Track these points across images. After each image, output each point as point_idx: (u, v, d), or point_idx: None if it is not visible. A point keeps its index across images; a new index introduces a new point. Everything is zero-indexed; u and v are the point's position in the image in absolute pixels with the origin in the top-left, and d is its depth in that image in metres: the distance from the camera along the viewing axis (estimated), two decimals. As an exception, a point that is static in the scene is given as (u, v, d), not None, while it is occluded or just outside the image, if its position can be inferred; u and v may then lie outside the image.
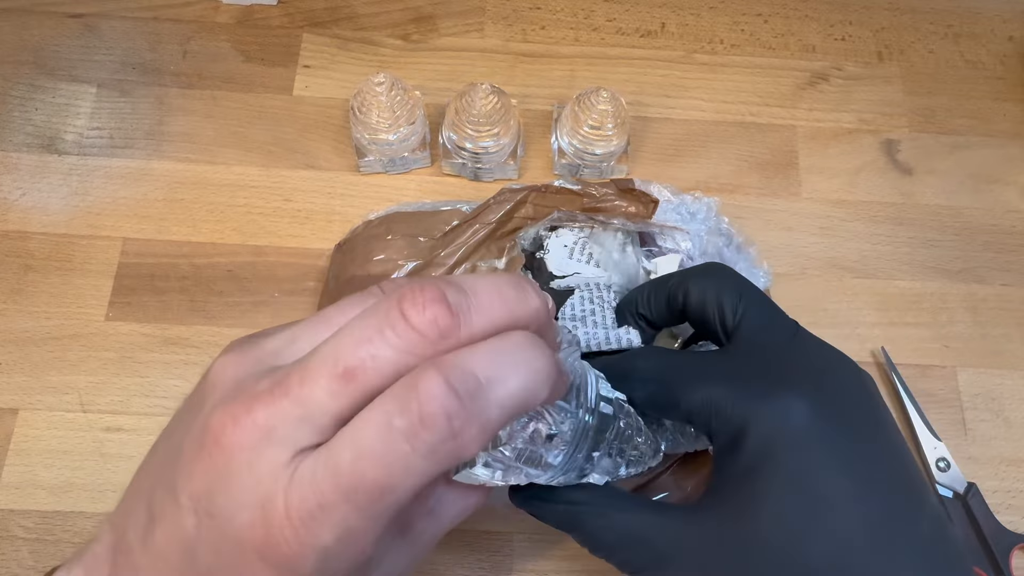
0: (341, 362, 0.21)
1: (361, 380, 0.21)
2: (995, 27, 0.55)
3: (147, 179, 0.47)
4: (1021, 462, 0.43)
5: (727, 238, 0.42)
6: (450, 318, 0.21)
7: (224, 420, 0.21)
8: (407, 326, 0.21)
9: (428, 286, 0.21)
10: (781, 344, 0.30)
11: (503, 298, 0.22)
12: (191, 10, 0.52)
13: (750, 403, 0.27)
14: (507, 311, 0.22)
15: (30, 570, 0.39)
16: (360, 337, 0.21)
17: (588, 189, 0.40)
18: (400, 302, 0.21)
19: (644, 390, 0.29)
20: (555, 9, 0.53)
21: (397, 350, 0.21)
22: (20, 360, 0.43)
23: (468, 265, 0.37)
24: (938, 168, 0.50)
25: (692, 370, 0.29)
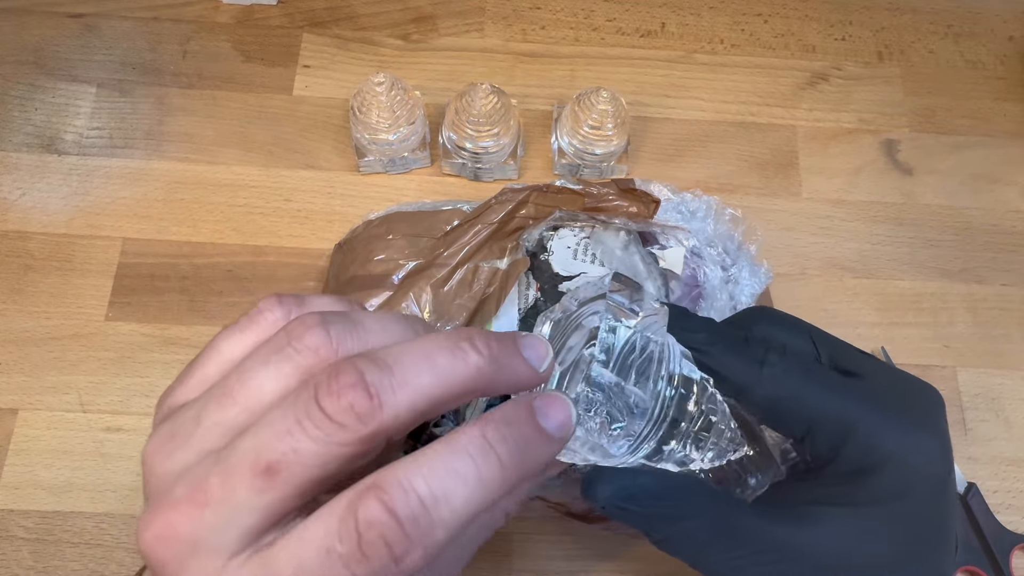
0: (263, 457, 0.20)
1: (285, 474, 0.20)
2: (995, 27, 0.55)
3: (147, 179, 0.47)
4: (1021, 462, 0.43)
5: (729, 231, 0.42)
6: (367, 401, 0.20)
7: (148, 539, 0.20)
8: (323, 416, 0.20)
9: (344, 369, 0.20)
10: (902, 378, 0.30)
11: (432, 365, 0.21)
12: (191, 10, 0.52)
13: (894, 435, 0.27)
14: (438, 379, 0.21)
15: (30, 570, 0.39)
16: (279, 429, 0.20)
17: (589, 189, 0.40)
18: (316, 389, 0.20)
19: (770, 393, 0.28)
20: (555, 9, 0.53)
21: (318, 442, 0.20)
22: (20, 360, 0.43)
23: (471, 265, 0.37)
24: (938, 168, 0.50)
25: (830, 384, 0.28)
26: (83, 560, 0.39)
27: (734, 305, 0.41)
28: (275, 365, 0.22)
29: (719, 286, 0.40)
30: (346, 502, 0.20)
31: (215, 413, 0.22)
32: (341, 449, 0.20)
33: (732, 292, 0.41)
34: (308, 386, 0.20)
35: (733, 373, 0.28)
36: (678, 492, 0.26)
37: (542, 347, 0.24)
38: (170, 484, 0.21)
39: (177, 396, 0.23)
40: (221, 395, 0.22)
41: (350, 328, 0.22)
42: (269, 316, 0.23)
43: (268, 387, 0.21)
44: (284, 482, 0.20)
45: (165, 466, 0.21)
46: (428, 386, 0.21)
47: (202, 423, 0.21)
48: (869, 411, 0.27)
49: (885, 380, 0.29)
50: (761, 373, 0.27)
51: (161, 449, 0.22)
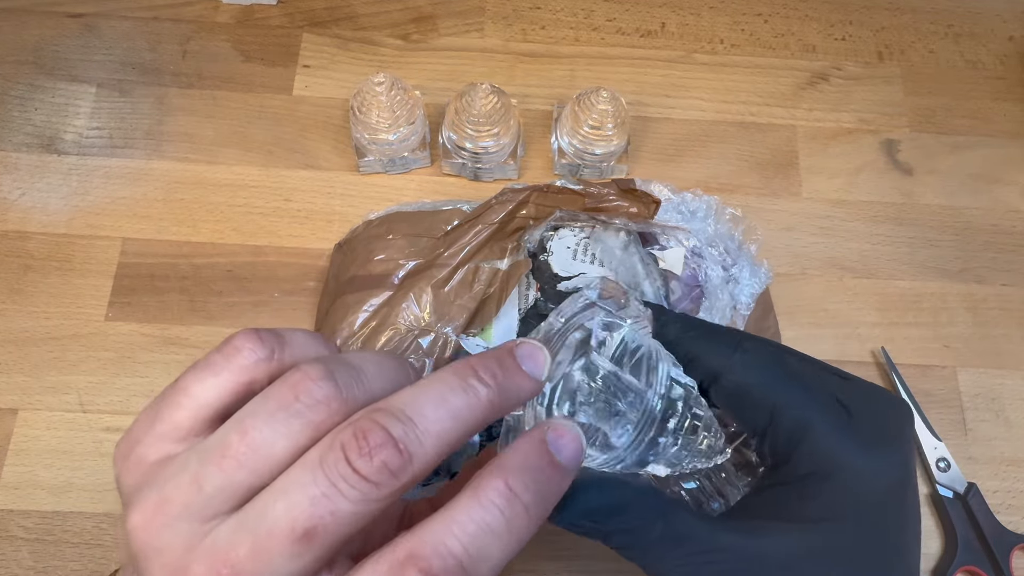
0: (300, 524, 0.20)
1: (323, 537, 0.20)
2: (995, 27, 0.55)
3: (147, 179, 0.47)
4: (1021, 462, 0.43)
5: (730, 231, 0.42)
6: (399, 458, 0.20)
7: None
8: (359, 477, 0.20)
9: (370, 428, 0.20)
10: (871, 389, 0.30)
11: (449, 409, 0.21)
12: (191, 10, 0.52)
13: (847, 446, 0.27)
14: (456, 422, 0.21)
15: (30, 570, 0.39)
16: (314, 494, 0.20)
17: (590, 189, 0.40)
18: (346, 450, 0.20)
19: (741, 378, 0.28)
20: (555, 9, 0.53)
21: (355, 502, 0.20)
22: (20, 360, 0.43)
23: (471, 265, 0.37)
24: (938, 168, 0.50)
25: (798, 378, 0.28)
26: (83, 560, 0.39)
27: (735, 304, 0.41)
28: (284, 422, 0.21)
29: (720, 285, 0.40)
30: (386, 570, 0.20)
31: (217, 476, 0.20)
32: (376, 505, 0.20)
33: (733, 292, 0.41)
34: (335, 447, 0.20)
35: (708, 356, 0.28)
36: (634, 505, 0.26)
37: (540, 355, 0.24)
38: (180, 561, 0.20)
39: (147, 447, 0.22)
40: (220, 456, 0.21)
41: (355, 376, 0.22)
42: (249, 356, 0.22)
43: (279, 446, 0.21)
44: (320, 545, 0.20)
45: (165, 538, 0.20)
46: (450, 430, 0.21)
47: (204, 489, 0.20)
48: (828, 414, 0.27)
49: (854, 388, 0.29)
50: (733, 358, 0.28)
51: (154, 519, 0.21)
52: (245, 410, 0.21)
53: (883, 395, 0.30)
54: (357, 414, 0.21)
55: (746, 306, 0.41)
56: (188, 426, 0.22)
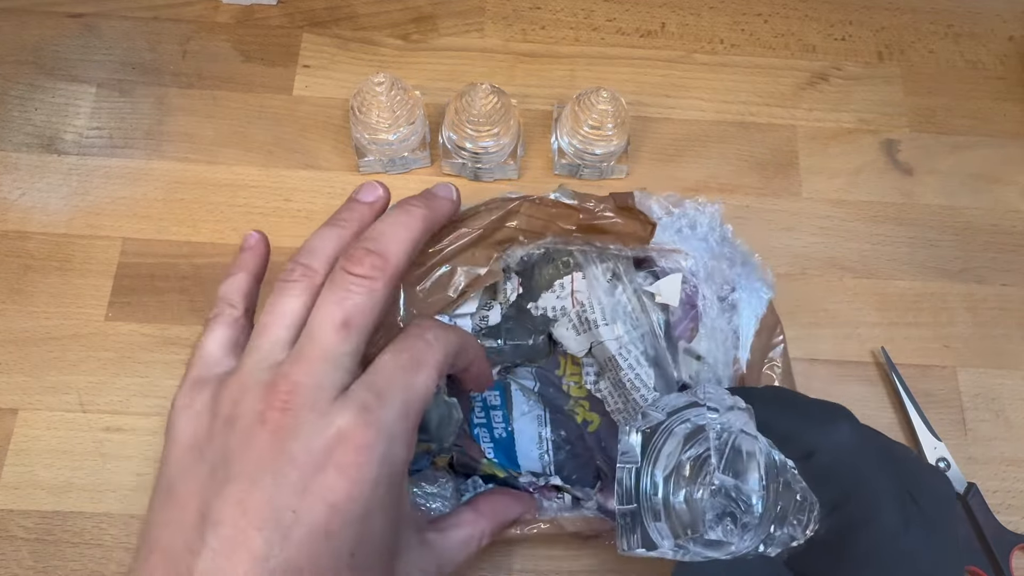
0: (337, 318, 0.28)
1: (356, 321, 0.28)
2: (995, 27, 0.55)
3: (147, 179, 0.47)
4: (1021, 462, 0.43)
5: (730, 251, 0.40)
6: (379, 258, 0.30)
7: (282, 393, 0.27)
8: (358, 277, 0.29)
9: (356, 251, 0.30)
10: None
11: (401, 225, 0.31)
12: (191, 10, 0.52)
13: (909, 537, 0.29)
14: (408, 231, 0.31)
15: (30, 570, 0.39)
16: (337, 298, 0.29)
17: (585, 204, 0.38)
18: (346, 268, 0.29)
19: (832, 460, 0.29)
20: (555, 9, 0.53)
21: (363, 293, 0.29)
22: (20, 360, 0.43)
23: (448, 268, 0.36)
24: (938, 168, 0.50)
25: (879, 461, 0.30)
26: (83, 560, 0.39)
27: (735, 332, 0.39)
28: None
29: (717, 316, 0.39)
30: (401, 336, 0.30)
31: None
32: (380, 293, 0.29)
33: (731, 318, 0.39)
34: (338, 269, 0.29)
35: (801, 436, 0.29)
36: None
37: (450, 188, 0.35)
38: (268, 363, 0.28)
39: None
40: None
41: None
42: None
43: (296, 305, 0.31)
44: (357, 328, 0.28)
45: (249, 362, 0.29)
46: (404, 237, 0.31)
47: (237, 347, 0.32)
48: (897, 503, 0.29)
49: (918, 471, 0.31)
50: (825, 438, 0.29)
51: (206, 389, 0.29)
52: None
53: (937, 476, 0.32)
54: (348, 250, 0.30)
55: (749, 335, 0.39)
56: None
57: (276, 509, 0.26)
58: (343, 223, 0.32)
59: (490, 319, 0.39)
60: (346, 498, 0.26)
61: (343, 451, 0.26)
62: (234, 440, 0.27)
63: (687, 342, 0.39)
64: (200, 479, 0.27)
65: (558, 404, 0.42)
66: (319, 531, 0.26)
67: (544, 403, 0.42)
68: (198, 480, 0.27)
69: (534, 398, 0.42)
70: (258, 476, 0.26)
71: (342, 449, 0.26)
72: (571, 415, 0.42)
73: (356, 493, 0.26)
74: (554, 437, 0.41)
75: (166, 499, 0.27)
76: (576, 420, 0.42)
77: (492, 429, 0.41)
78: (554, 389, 0.42)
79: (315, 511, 0.26)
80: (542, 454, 0.41)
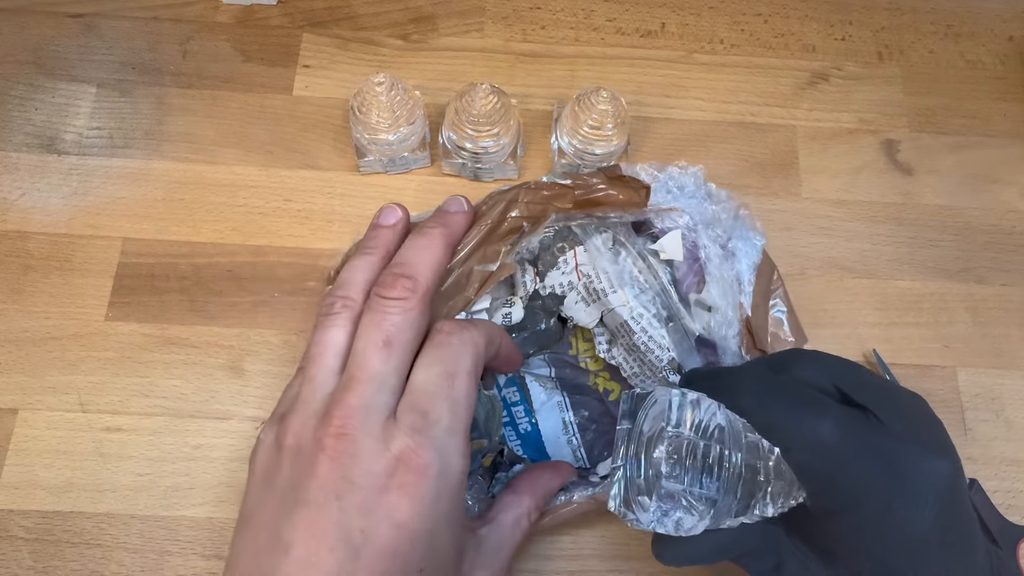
0: (379, 339, 0.30)
1: (397, 340, 0.30)
2: (995, 27, 0.55)
3: (147, 179, 0.47)
4: (1021, 462, 0.43)
5: (719, 207, 0.41)
6: (409, 280, 0.32)
7: (338, 420, 0.29)
8: (392, 300, 0.31)
9: (387, 277, 0.32)
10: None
11: (424, 249, 0.34)
12: (191, 10, 0.52)
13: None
14: (431, 253, 0.34)
15: (30, 570, 0.39)
16: (376, 322, 0.31)
17: (578, 181, 0.39)
18: (380, 294, 0.31)
19: (806, 459, 0.29)
20: (555, 9, 0.53)
21: (398, 313, 0.31)
22: (20, 360, 0.43)
23: (464, 269, 0.37)
24: (938, 168, 0.50)
25: (864, 455, 0.29)
26: (83, 560, 0.39)
27: (737, 277, 0.40)
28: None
29: (720, 263, 0.40)
30: (430, 344, 0.32)
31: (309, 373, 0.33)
32: (413, 312, 0.31)
33: (732, 265, 0.40)
34: (374, 297, 0.32)
35: (778, 431, 0.29)
36: (731, 547, 0.31)
37: (460, 201, 0.37)
38: (323, 392, 0.30)
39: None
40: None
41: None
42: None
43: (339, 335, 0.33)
44: (399, 348, 0.30)
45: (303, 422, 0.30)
46: (428, 259, 0.33)
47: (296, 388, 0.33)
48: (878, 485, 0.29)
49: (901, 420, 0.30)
50: (801, 435, 0.29)
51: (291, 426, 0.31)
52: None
53: (921, 409, 0.31)
54: (379, 278, 0.32)
55: (748, 281, 0.40)
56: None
57: (345, 530, 0.27)
58: (370, 251, 0.34)
59: (513, 316, 0.40)
60: (410, 516, 0.28)
61: (403, 473, 0.28)
62: (298, 469, 0.29)
63: (696, 294, 0.40)
64: (272, 507, 0.29)
65: (579, 382, 0.43)
66: (387, 550, 0.28)
67: (562, 388, 0.43)
68: (270, 507, 0.29)
69: (551, 385, 0.43)
70: (324, 501, 0.28)
71: (402, 471, 0.28)
72: (593, 388, 0.43)
73: (420, 511, 0.28)
74: (578, 420, 0.42)
75: (244, 526, 0.30)
76: (599, 391, 0.43)
77: (517, 425, 0.42)
78: (571, 369, 0.44)
79: (382, 531, 0.28)
80: (569, 439, 0.42)
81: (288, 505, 0.28)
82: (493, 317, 0.39)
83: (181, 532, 0.40)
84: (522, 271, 0.40)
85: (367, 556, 0.27)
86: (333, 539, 0.27)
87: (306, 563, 0.27)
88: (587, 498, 0.38)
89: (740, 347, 0.38)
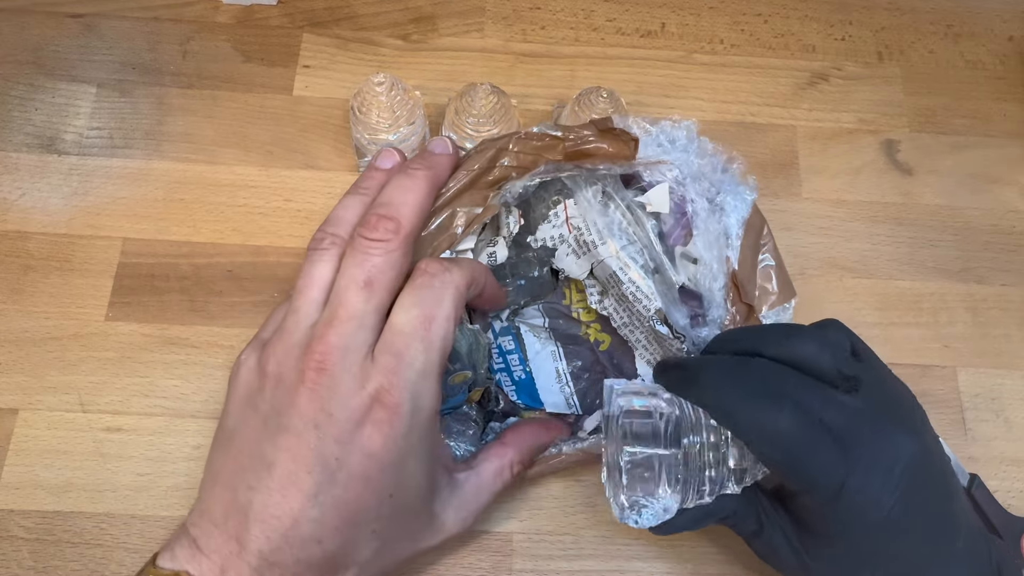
0: (360, 279, 0.31)
1: (378, 282, 0.31)
2: (995, 27, 0.55)
3: (147, 179, 0.47)
4: (1021, 462, 0.43)
5: (711, 161, 0.41)
6: (391, 222, 0.32)
7: (317, 357, 0.30)
8: (375, 241, 0.32)
9: (370, 218, 0.32)
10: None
11: (408, 189, 0.33)
12: (191, 10, 0.52)
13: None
14: (415, 193, 0.33)
15: (30, 570, 0.39)
16: (358, 262, 0.31)
17: (568, 133, 0.39)
18: (362, 234, 0.32)
19: (766, 452, 0.31)
20: (555, 9, 0.53)
21: (380, 255, 0.31)
22: (20, 360, 0.43)
23: (448, 212, 0.37)
24: (938, 168, 0.50)
25: (820, 446, 0.30)
26: (83, 560, 0.39)
27: (725, 231, 0.40)
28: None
29: (707, 217, 0.39)
30: (410, 284, 0.32)
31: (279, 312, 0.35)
32: (395, 254, 0.32)
33: (720, 219, 0.40)
34: (356, 236, 0.32)
35: (737, 430, 0.31)
36: (714, 512, 0.34)
37: (446, 142, 0.37)
38: (305, 324, 0.31)
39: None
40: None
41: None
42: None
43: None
44: (379, 288, 0.31)
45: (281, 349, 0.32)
46: (414, 201, 0.33)
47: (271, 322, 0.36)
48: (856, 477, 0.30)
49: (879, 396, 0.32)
50: (763, 431, 0.30)
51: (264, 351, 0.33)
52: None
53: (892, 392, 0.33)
54: (362, 218, 0.33)
55: (736, 236, 0.40)
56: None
57: (322, 457, 0.30)
58: (364, 191, 0.35)
59: (497, 256, 0.40)
60: (381, 448, 0.30)
61: (377, 410, 0.30)
62: (280, 395, 0.31)
63: (683, 247, 0.40)
64: (256, 427, 0.31)
65: (572, 333, 0.44)
66: (360, 476, 0.30)
67: (556, 338, 0.44)
68: (254, 428, 0.31)
69: (545, 335, 0.44)
70: (303, 430, 0.30)
71: (376, 408, 0.30)
72: (585, 338, 0.44)
73: (391, 444, 0.30)
74: (571, 369, 0.43)
75: (228, 442, 0.32)
76: (590, 341, 0.44)
77: (511, 372, 0.43)
78: (564, 320, 0.45)
79: (355, 459, 0.30)
80: (562, 387, 0.43)
81: (271, 429, 0.30)
82: (478, 257, 0.40)
83: (181, 532, 0.40)
84: (507, 212, 0.40)
85: (341, 479, 0.30)
86: (311, 463, 0.30)
87: (285, 481, 0.30)
88: (575, 450, 0.39)
89: (726, 300, 0.39)
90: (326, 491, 0.30)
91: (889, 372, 0.33)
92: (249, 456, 0.31)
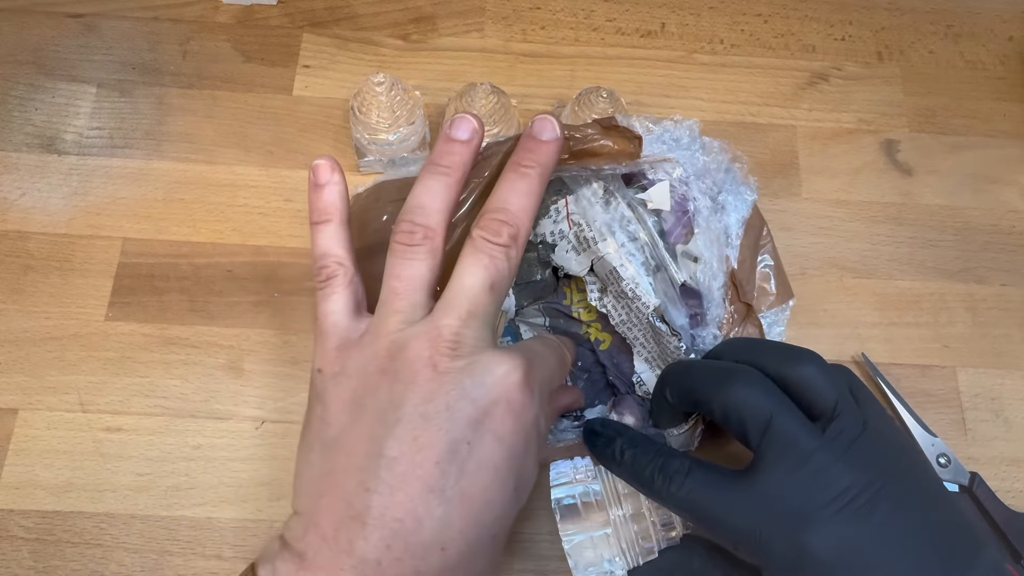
0: (486, 281, 0.31)
1: (498, 285, 0.31)
2: (995, 27, 0.55)
3: (147, 179, 0.47)
4: (1021, 462, 0.43)
5: (713, 160, 0.41)
6: (512, 227, 0.32)
7: (443, 346, 0.29)
8: (498, 246, 0.31)
9: (491, 223, 0.31)
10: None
11: (521, 192, 0.32)
12: (191, 10, 0.52)
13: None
14: (525, 197, 0.32)
15: (30, 570, 0.39)
16: (484, 264, 0.31)
17: (573, 132, 0.39)
18: (487, 238, 0.31)
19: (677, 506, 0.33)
20: (555, 9, 0.53)
21: (502, 259, 0.31)
22: (20, 360, 0.43)
23: (465, 224, 0.37)
24: (938, 168, 0.50)
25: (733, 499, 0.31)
26: (83, 560, 0.39)
27: (725, 230, 0.40)
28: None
29: (709, 216, 0.40)
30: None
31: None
32: (514, 260, 0.32)
33: (721, 218, 0.40)
34: (479, 239, 0.31)
35: (645, 492, 0.34)
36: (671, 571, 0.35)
37: (552, 124, 0.34)
38: (415, 321, 0.31)
39: None
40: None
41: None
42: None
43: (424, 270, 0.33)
44: (497, 291, 0.31)
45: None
46: (529, 205, 0.32)
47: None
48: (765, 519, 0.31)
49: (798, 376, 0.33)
50: (669, 491, 0.32)
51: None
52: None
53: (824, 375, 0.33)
54: (481, 220, 0.32)
55: (736, 235, 0.40)
56: None
57: (452, 442, 0.28)
58: (446, 171, 0.33)
59: None
60: (512, 432, 0.29)
61: (513, 390, 0.29)
62: (400, 386, 0.29)
63: (683, 245, 0.40)
64: (367, 427, 0.29)
65: (572, 332, 0.44)
66: (489, 464, 0.29)
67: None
68: (365, 428, 0.29)
69: (545, 334, 0.44)
70: (432, 413, 0.28)
71: (513, 388, 0.29)
72: (585, 338, 0.44)
73: (520, 428, 0.29)
74: (571, 369, 0.43)
75: (331, 452, 0.29)
76: (590, 340, 0.44)
77: None
78: (565, 319, 0.45)
79: (487, 444, 0.29)
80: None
81: (389, 422, 0.28)
82: None
83: (181, 532, 0.40)
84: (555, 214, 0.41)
85: (471, 468, 0.28)
86: (439, 451, 0.28)
87: (408, 476, 0.28)
88: (573, 440, 0.40)
89: (725, 299, 0.39)
90: (453, 484, 0.28)
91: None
92: (365, 456, 0.28)
